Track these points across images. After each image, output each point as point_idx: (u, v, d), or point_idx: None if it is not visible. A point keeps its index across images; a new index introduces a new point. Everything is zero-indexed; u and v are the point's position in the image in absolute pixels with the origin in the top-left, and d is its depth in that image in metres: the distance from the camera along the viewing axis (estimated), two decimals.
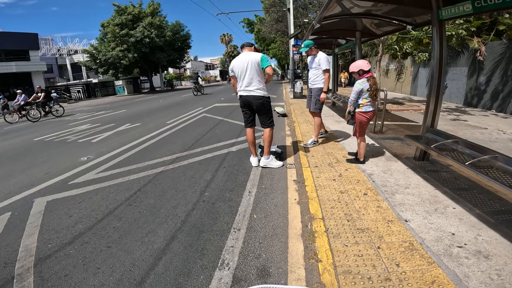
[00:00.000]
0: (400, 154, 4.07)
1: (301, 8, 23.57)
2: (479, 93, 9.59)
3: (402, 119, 7.24)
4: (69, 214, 2.88)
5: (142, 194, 3.24)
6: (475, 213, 2.50)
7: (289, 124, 6.57)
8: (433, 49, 3.45)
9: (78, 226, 2.63)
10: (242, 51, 3.67)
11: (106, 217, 2.78)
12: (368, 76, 3.42)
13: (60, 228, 2.62)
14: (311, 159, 3.94)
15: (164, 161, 4.38)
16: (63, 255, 2.22)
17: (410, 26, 4.60)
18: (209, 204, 2.91)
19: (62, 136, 7.04)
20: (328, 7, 3.60)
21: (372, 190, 2.94)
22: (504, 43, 8.83)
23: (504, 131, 5.99)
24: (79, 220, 2.75)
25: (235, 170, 3.80)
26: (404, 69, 15.06)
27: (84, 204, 3.09)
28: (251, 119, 3.77)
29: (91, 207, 3.00)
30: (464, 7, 2.85)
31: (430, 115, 3.52)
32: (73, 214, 2.88)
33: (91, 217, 2.79)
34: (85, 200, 3.19)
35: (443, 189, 2.96)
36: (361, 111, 3.50)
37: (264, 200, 2.95)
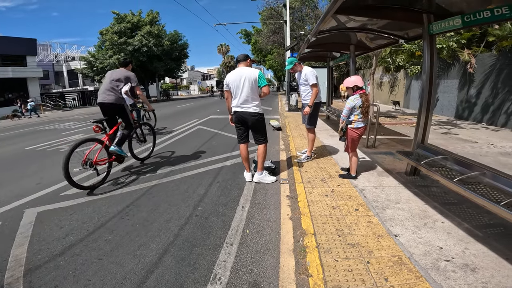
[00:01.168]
0: (392, 169, 4.14)
1: (297, 20, 24.07)
2: (469, 105, 9.72)
3: (395, 133, 7.37)
4: (60, 226, 2.86)
5: (135, 207, 3.23)
6: (464, 227, 2.55)
7: (284, 138, 6.59)
8: (424, 63, 3.56)
9: (69, 238, 2.62)
10: (237, 66, 3.66)
11: (97, 230, 2.76)
12: (361, 92, 3.49)
13: (50, 239, 2.60)
14: (304, 174, 3.97)
15: (158, 174, 4.37)
16: (53, 266, 2.21)
17: (402, 40, 4.73)
18: (202, 219, 2.92)
19: (55, 146, 6.99)
20: (324, 21, 3.70)
21: (363, 206, 2.98)
22: (493, 54, 8.95)
23: (494, 144, 6.10)
24: (70, 231, 2.74)
25: (228, 185, 3.81)
26: (397, 81, 15.33)
27: (76, 216, 3.07)
28: (245, 135, 3.77)
29: (82, 219, 2.98)
30: (454, 22, 2.97)
31: (421, 131, 3.62)
32: (64, 225, 2.86)
33: (82, 229, 2.77)
34: (76, 212, 3.16)
35: (432, 204, 3.01)
36: (353, 127, 3.56)
37: (257, 215, 2.96)
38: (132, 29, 28.66)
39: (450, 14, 3.16)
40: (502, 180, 2.54)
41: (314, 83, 4.35)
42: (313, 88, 4.36)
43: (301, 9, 23.89)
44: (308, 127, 4.63)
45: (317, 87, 4.38)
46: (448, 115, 10.75)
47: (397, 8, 3.46)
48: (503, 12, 2.47)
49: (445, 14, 3.21)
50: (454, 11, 3.16)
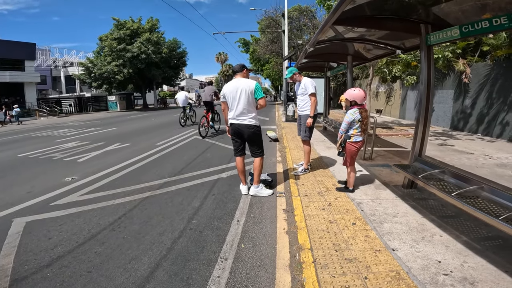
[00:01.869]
0: (389, 182, 4.11)
1: (295, 29, 24.46)
2: (465, 116, 9.75)
3: (392, 144, 7.36)
4: (49, 236, 2.79)
5: (127, 219, 3.15)
6: (462, 240, 2.52)
7: (281, 150, 6.54)
8: (421, 74, 3.54)
9: (57, 249, 2.56)
10: (234, 76, 3.62)
11: (87, 241, 2.69)
12: (361, 108, 3.43)
13: (38, 250, 2.54)
14: (301, 187, 3.92)
15: (152, 185, 4.27)
16: (40, 278, 2.15)
17: (399, 51, 4.74)
18: (196, 232, 2.84)
19: (48, 153, 6.87)
20: (322, 32, 3.71)
21: (360, 220, 2.93)
22: (488, 64, 8.98)
23: (490, 156, 6.12)
24: (58, 243, 2.67)
25: (224, 197, 3.74)
26: (393, 92, 15.47)
27: (65, 226, 3.00)
28: (242, 147, 3.71)
29: (72, 230, 2.91)
30: (452, 32, 2.95)
31: (418, 143, 3.59)
32: (53, 236, 2.80)
33: (71, 241, 2.70)
34: (66, 222, 3.09)
35: (430, 217, 2.99)
36: (351, 141, 3.52)
37: (253, 229, 2.90)
38: (131, 36, 28.55)
39: (448, 25, 3.16)
40: (500, 193, 2.53)
41: (312, 92, 4.32)
42: (312, 97, 4.33)
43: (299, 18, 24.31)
44: (304, 139, 4.58)
45: (315, 96, 4.35)
46: (443, 126, 10.80)
47: (395, 18, 3.46)
48: (501, 22, 2.44)
49: (443, 24, 3.20)
50: (451, 22, 3.16)
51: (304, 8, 23.94)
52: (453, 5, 2.87)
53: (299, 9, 24.18)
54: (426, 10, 3.17)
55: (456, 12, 3.00)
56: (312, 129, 4.57)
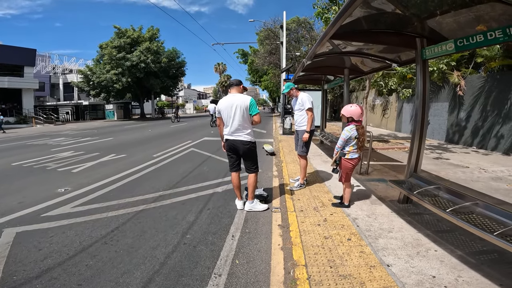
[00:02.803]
0: (385, 197, 4.11)
1: (293, 41, 24.79)
2: (460, 129, 9.80)
3: (388, 158, 7.38)
4: (39, 248, 2.75)
5: (119, 233, 3.10)
6: (457, 254, 2.51)
7: (277, 164, 6.51)
8: (416, 89, 3.55)
9: (47, 261, 2.52)
10: (230, 90, 3.61)
11: (78, 254, 2.65)
12: (358, 125, 3.42)
13: (27, 261, 2.51)
14: (296, 202, 3.90)
15: (146, 199, 4.21)
16: None
17: (395, 64, 4.79)
18: (190, 247, 2.80)
19: (42, 163, 6.79)
20: (320, 45, 3.76)
21: (356, 235, 2.91)
22: (482, 76, 9.02)
23: (485, 169, 6.16)
24: (49, 254, 2.63)
25: (219, 212, 3.70)
26: (389, 104, 15.62)
27: (56, 238, 2.96)
28: (237, 163, 3.68)
29: (63, 242, 2.87)
30: (447, 46, 2.98)
31: (414, 159, 3.60)
32: (43, 247, 2.76)
33: (62, 253, 2.67)
34: (57, 234, 3.05)
35: (425, 232, 2.99)
36: (347, 158, 3.50)
37: (248, 244, 2.86)
38: (131, 45, 28.70)
39: (443, 38, 3.20)
40: (494, 209, 2.55)
41: (309, 107, 4.32)
42: (309, 112, 4.33)
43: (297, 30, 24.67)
44: (301, 154, 4.56)
45: (312, 111, 4.36)
46: (439, 139, 10.85)
47: (391, 32, 3.51)
48: (496, 35, 2.46)
49: (438, 38, 3.24)
50: (447, 35, 3.19)
51: (302, 20, 24.31)
52: (448, 19, 2.90)
53: (297, 21, 24.55)
54: (422, 24, 3.20)
55: (451, 26, 3.02)
56: (309, 144, 4.55)
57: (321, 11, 8.79)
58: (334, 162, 3.58)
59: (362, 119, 3.48)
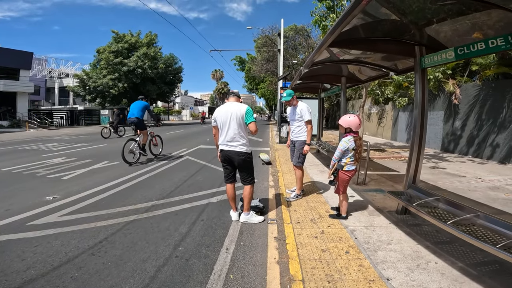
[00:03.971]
0: (383, 207, 4.03)
1: (291, 49, 24.95)
2: (455, 138, 9.81)
3: (384, 168, 7.31)
4: (22, 258, 2.63)
5: (108, 244, 2.96)
6: (457, 266, 2.45)
7: (273, 174, 6.40)
8: (415, 98, 3.50)
9: (30, 272, 2.41)
10: (228, 99, 3.52)
11: (63, 265, 2.53)
12: (355, 136, 3.35)
13: (9, 271, 2.41)
14: (293, 214, 3.78)
15: (138, 208, 4.06)
16: None
17: (393, 73, 4.75)
18: (182, 260, 2.67)
19: (32, 169, 6.59)
20: (318, 53, 3.73)
21: (354, 248, 2.82)
22: (477, 84, 9.03)
23: (482, 178, 6.15)
24: (32, 265, 2.51)
25: (213, 223, 3.56)
26: (385, 113, 15.70)
27: (41, 248, 2.83)
28: (232, 174, 3.54)
29: (47, 253, 2.74)
30: (447, 55, 2.91)
31: (412, 170, 3.53)
32: (27, 257, 2.64)
33: (46, 263, 2.54)
34: (42, 244, 2.92)
35: (425, 243, 2.93)
36: (344, 170, 3.42)
37: (242, 258, 2.74)
38: (129, 50, 28.40)
39: (443, 46, 3.16)
40: (495, 221, 2.50)
41: (309, 120, 4.22)
42: (308, 125, 4.23)
43: (295, 38, 24.84)
44: (297, 165, 4.44)
45: (311, 124, 4.27)
46: (434, 148, 10.86)
47: (389, 40, 3.47)
48: (498, 43, 2.40)
49: (438, 46, 3.20)
50: (446, 43, 3.15)
51: (299, 27, 24.51)
52: (447, 26, 2.87)
53: (295, 28, 24.74)
54: (420, 32, 3.16)
55: (451, 33, 2.98)
56: (305, 155, 4.44)
57: (318, 19, 8.83)
58: (331, 174, 3.47)
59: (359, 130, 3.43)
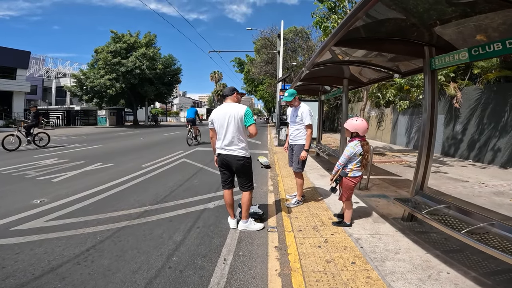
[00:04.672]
0: (387, 214, 3.84)
1: (290, 51, 24.93)
2: (455, 142, 9.68)
3: (386, 172, 7.13)
4: (2, 265, 2.47)
5: (96, 252, 2.76)
6: (471, 276, 2.33)
7: (272, 178, 6.19)
8: (424, 101, 3.33)
9: (9, 281, 2.25)
10: (224, 101, 3.31)
11: (45, 275, 2.35)
12: (363, 141, 3.18)
13: None
14: (294, 221, 3.58)
15: (130, 214, 3.83)
16: None
17: (397, 75, 4.57)
18: (176, 272, 2.46)
19: (22, 170, 6.35)
20: (321, 54, 3.57)
21: (360, 258, 2.63)
22: (479, 88, 8.87)
23: (485, 183, 6.04)
24: (12, 273, 2.34)
25: (210, 231, 3.35)
26: (384, 116, 15.58)
27: (22, 256, 2.65)
28: (230, 180, 3.33)
29: (29, 261, 2.56)
30: (460, 56, 2.75)
31: (420, 176, 3.34)
32: (7, 265, 2.47)
33: (27, 272, 2.37)
34: (24, 251, 2.73)
35: (434, 252, 2.77)
36: (349, 176, 3.22)
37: (241, 270, 2.53)
38: (127, 50, 28.13)
39: (453, 48, 3.00)
40: (510, 229, 2.35)
41: (309, 124, 3.99)
42: (308, 129, 4.01)
43: (294, 40, 24.80)
44: (296, 171, 4.23)
45: (311, 128, 4.06)
46: (434, 152, 10.68)
47: (397, 40, 3.30)
48: None
49: (448, 47, 3.05)
50: (457, 44, 3.00)
51: (299, 29, 24.48)
52: (459, 26, 2.72)
53: (295, 30, 24.70)
54: (430, 31, 3.00)
55: (463, 34, 2.83)
56: (305, 160, 4.22)
57: (320, 20, 8.71)
58: (333, 181, 3.27)
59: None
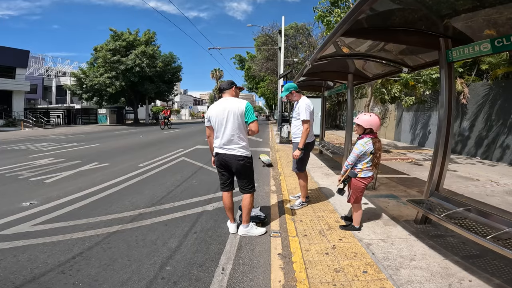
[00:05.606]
0: (398, 216, 3.59)
1: (291, 47, 24.65)
2: (463, 139, 9.50)
3: (392, 170, 6.86)
4: None
5: (83, 260, 2.54)
6: (494, 283, 2.15)
7: (275, 177, 5.91)
8: (441, 96, 3.09)
9: None
10: (222, 95, 3.03)
11: (26, 284, 2.17)
12: (375, 137, 2.92)
13: None
14: (299, 224, 3.32)
15: (123, 217, 3.59)
16: None
17: (406, 69, 4.27)
18: (169, 284, 2.23)
19: (16, 171, 6.14)
20: (324, 48, 3.33)
21: (372, 266, 2.39)
22: (487, 83, 8.70)
23: (496, 182, 5.81)
24: None
25: (208, 236, 3.10)
26: (388, 113, 15.29)
27: (4, 263, 2.46)
28: (229, 182, 3.08)
29: (11, 268, 2.38)
30: (481, 47, 2.52)
31: (436, 176, 3.09)
32: None
33: (7, 281, 2.21)
34: (6, 258, 2.54)
35: (453, 258, 2.54)
36: (359, 177, 2.96)
37: (241, 281, 2.29)
38: (127, 48, 27.94)
39: (470, 39, 2.80)
40: None
41: (305, 119, 3.64)
42: (304, 124, 3.66)
43: (295, 37, 24.49)
44: (293, 171, 3.96)
45: (309, 124, 3.68)
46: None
47: (409, 31, 3.04)
48: None
49: (464, 39, 2.82)
50: (475, 36, 2.79)
51: (300, 26, 24.15)
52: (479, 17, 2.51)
53: (296, 27, 24.38)
54: (446, 22, 2.76)
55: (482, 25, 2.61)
56: (305, 161, 3.92)
57: (322, 15, 8.45)
58: (341, 182, 3.00)
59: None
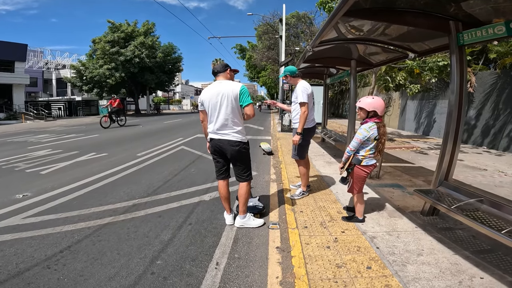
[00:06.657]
0: (404, 207, 3.42)
1: (293, 36, 24.30)
2: (469, 128, 9.33)
3: (397, 159, 6.68)
4: None
5: (70, 254, 2.42)
6: (507, 281, 2.01)
7: (275, 165, 5.76)
8: (451, 82, 2.90)
9: None
10: (215, 78, 2.86)
11: (10, 280, 2.07)
12: (379, 122, 2.72)
13: None
14: (299, 215, 3.16)
15: (116, 209, 3.46)
16: None
17: (412, 54, 4.04)
18: (159, 279, 2.10)
19: (13, 162, 6.04)
20: (324, 32, 3.12)
21: (377, 261, 2.25)
22: (495, 72, 8.56)
23: (504, 172, 5.66)
24: None
25: (203, 228, 2.95)
26: (392, 101, 15.01)
27: None
28: (225, 169, 2.95)
29: None
30: (496, 30, 2.36)
31: (445, 165, 2.90)
32: None
33: None
34: None
35: (463, 253, 2.39)
36: (361, 165, 2.78)
37: (236, 277, 2.15)
38: (125, 39, 27.72)
39: (480, 23, 2.62)
40: None
41: (303, 102, 3.45)
42: (302, 107, 3.47)
43: (297, 25, 24.08)
44: (293, 158, 3.79)
45: (307, 107, 3.47)
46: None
47: (417, 13, 2.82)
48: None
49: (475, 22, 2.65)
50: (486, 20, 2.61)
51: (302, 14, 23.72)
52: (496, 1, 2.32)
53: (297, 15, 23.96)
54: (457, 4, 2.57)
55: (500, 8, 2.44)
56: (306, 147, 3.74)
57: (324, 1, 8.16)
58: (344, 169, 2.83)
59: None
